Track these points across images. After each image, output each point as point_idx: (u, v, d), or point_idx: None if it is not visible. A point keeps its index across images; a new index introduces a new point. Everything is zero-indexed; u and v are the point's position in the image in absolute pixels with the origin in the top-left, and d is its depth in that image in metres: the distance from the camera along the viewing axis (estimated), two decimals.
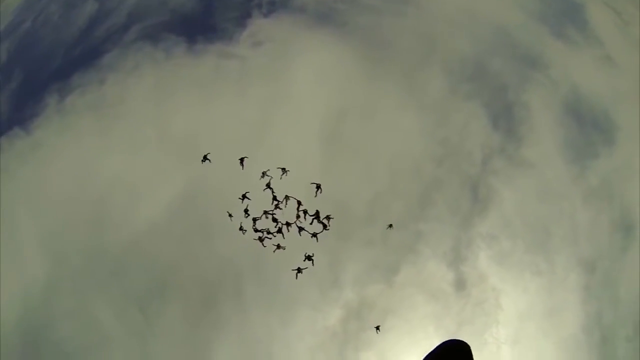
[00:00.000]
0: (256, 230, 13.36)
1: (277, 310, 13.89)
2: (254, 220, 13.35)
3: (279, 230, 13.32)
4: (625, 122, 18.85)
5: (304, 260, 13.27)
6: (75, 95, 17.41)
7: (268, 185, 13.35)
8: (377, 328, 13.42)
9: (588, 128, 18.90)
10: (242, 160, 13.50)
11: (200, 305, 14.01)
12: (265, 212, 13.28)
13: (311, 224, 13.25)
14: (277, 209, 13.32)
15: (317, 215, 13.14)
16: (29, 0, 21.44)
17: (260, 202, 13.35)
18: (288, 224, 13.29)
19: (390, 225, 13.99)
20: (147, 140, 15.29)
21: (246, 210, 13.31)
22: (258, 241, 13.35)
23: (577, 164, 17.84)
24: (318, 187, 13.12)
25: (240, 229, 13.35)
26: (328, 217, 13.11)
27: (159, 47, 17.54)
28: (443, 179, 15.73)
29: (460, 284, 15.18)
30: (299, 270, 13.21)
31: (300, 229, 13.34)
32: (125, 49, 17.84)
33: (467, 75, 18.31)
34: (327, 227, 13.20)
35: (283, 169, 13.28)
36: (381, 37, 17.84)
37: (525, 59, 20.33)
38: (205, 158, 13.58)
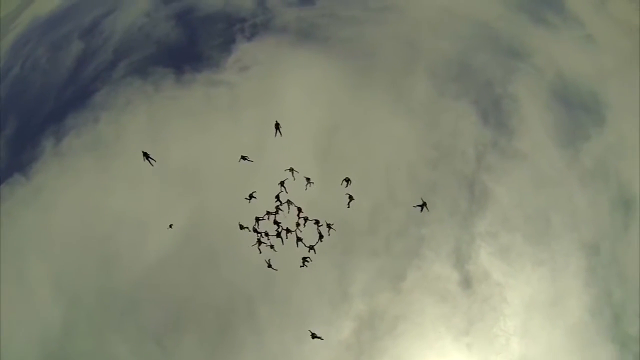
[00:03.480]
0: (256, 231, 13.41)
1: (291, 328, 14.08)
2: (257, 220, 13.41)
3: (279, 234, 13.42)
4: (613, 99, 19.04)
5: (309, 251, 13.36)
6: (71, 137, 17.66)
7: (282, 184, 13.44)
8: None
9: (577, 111, 19.12)
10: (250, 196, 13.51)
11: (216, 332, 14.21)
12: (268, 213, 13.41)
13: (319, 226, 13.25)
14: (280, 211, 13.44)
15: (317, 223, 13.27)
16: (14, 46, 21.70)
17: (264, 204, 13.41)
18: (288, 230, 13.40)
19: (422, 205, 12.93)
20: (146, 174, 15.49)
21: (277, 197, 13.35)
22: (256, 246, 13.35)
23: (569, 148, 18.05)
24: (350, 199, 13.11)
25: (241, 227, 13.36)
26: (329, 226, 13.23)
27: (148, 80, 17.80)
28: (439, 182, 15.98)
29: (466, 283, 15.42)
30: (305, 260, 13.30)
31: (299, 239, 13.41)
32: (115, 85, 18.12)
33: (453, 75, 18.57)
34: (322, 239, 13.28)
35: (308, 178, 13.42)
36: (364, 47, 18.13)
37: (508, 51, 20.57)
38: (251, 196, 13.48)
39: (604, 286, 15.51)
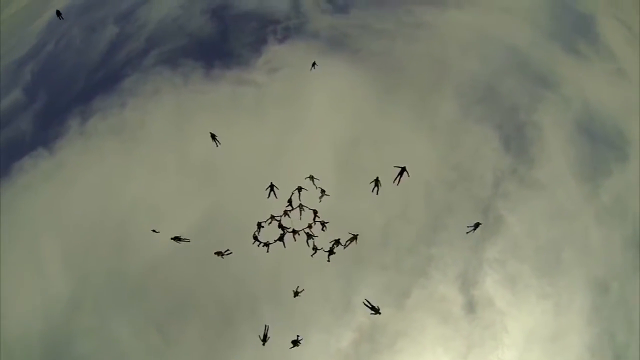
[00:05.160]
0: (256, 239, 13.19)
1: (292, 331, 14.16)
2: (259, 225, 13.17)
3: (281, 238, 13.25)
4: (637, 137, 18.67)
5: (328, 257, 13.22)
6: (97, 119, 18.07)
7: (299, 190, 13.28)
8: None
9: (600, 145, 18.75)
10: (271, 186, 13.19)
11: (218, 326, 14.36)
12: (273, 217, 13.27)
13: (338, 244, 13.06)
14: (287, 215, 13.28)
15: (337, 242, 13.09)
16: (51, 24, 22.25)
17: (276, 206, 13.30)
18: (295, 232, 13.33)
19: (476, 226, 12.76)
20: (167, 164, 15.74)
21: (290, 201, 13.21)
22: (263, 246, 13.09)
23: (589, 182, 17.71)
24: (402, 171, 12.62)
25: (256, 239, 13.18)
26: (354, 237, 12.75)
27: (177, 72, 18.09)
28: (455, 204, 15.87)
29: (469, 307, 15.31)
30: (315, 249, 13.28)
31: (309, 236, 13.25)
32: (145, 73, 18.46)
33: (479, 98, 18.41)
34: (334, 252, 13.12)
35: (322, 190, 13.32)
36: (394, 62, 18.07)
37: (536, 78, 20.30)
38: (271, 187, 13.30)
39: (607, 327, 15.21)
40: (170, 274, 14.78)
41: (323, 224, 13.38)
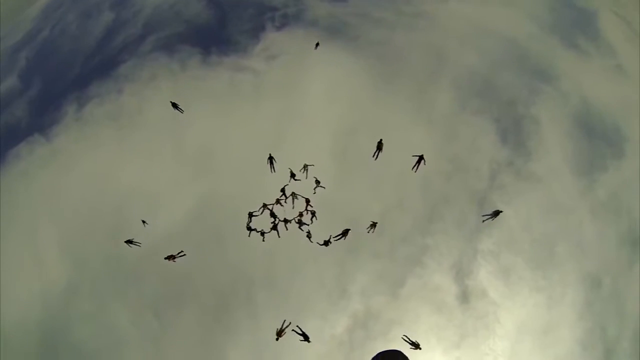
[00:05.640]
0: (250, 229, 13.17)
1: (286, 317, 14.29)
2: (250, 215, 13.14)
3: (274, 227, 13.19)
4: (635, 134, 18.72)
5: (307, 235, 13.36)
6: (93, 105, 17.93)
7: (293, 176, 13.26)
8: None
9: (597, 141, 18.79)
10: (270, 159, 13.19)
11: (213, 311, 14.49)
12: (265, 205, 13.20)
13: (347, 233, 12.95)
14: (280, 204, 13.23)
15: (345, 233, 12.99)
16: (46, 9, 21.94)
17: (271, 195, 13.22)
18: (287, 221, 13.24)
19: (495, 214, 12.87)
20: (163, 150, 15.68)
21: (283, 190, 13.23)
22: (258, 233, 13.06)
23: (585, 177, 17.79)
24: (420, 159, 12.67)
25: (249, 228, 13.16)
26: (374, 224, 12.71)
27: (174, 58, 17.93)
28: (451, 195, 15.94)
29: (463, 297, 15.48)
30: (309, 234, 13.32)
31: (301, 223, 13.19)
32: (142, 59, 18.28)
33: (477, 90, 18.37)
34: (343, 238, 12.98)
35: (317, 181, 13.27)
36: (392, 52, 17.94)
37: (535, 71, 20.23)
38: (271, 160, 13.31)
39: (599, 321, 15.42)
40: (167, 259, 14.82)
41: (313, 213, 13.33)
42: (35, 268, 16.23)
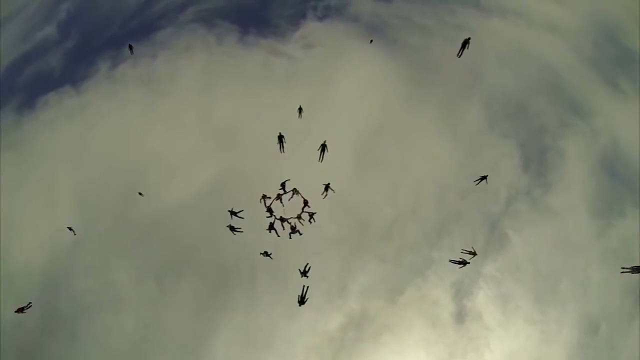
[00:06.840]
0: (232, 229, 12.78)
1: (283, 304, 14.43)
2: (232, 213, 12.64)
3: (271, 227, 12.85)
4: None
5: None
6: (126, 65, 18.15)
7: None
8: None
9: (620, 185, 18.32)
10: (280, 138, 12.87)
11: (213, 286, 14.70)
12: (264, 196, 12.83)
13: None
14: (279, 200, 12.85)
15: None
16: None
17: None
18: (283, 220, 12.95)
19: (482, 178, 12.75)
20: (189, 120, 15.83)
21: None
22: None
23: (601, 219, 17.40)
24: (483, 178, 12.36)
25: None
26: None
27: (212, 31, 17.94)
28: (464, 212, 15.80)
29: (458, 317, 15.44)
30: (296, 231, 13.14)
31: (293, 230, 12.91)
32: (180, 28, 18.37)
33: (507, 112, 18.09)
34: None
35: (327, 185, 12.74)
36: (428, 60, 17.77)
37: (569, 103, 19.77)
38: (280, 139, 13.02)
39: None
40: (175, 228, 15.08)
41: (311, 215, 13.00)
42: (47, 216, 16.63)
